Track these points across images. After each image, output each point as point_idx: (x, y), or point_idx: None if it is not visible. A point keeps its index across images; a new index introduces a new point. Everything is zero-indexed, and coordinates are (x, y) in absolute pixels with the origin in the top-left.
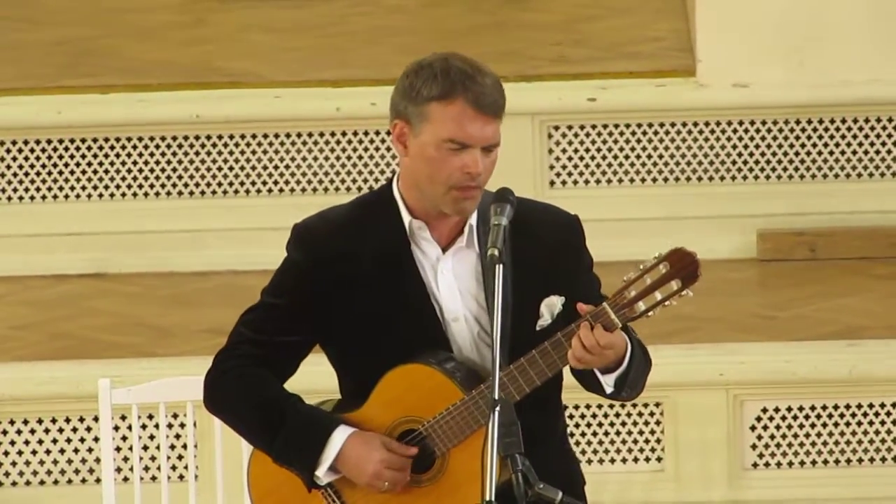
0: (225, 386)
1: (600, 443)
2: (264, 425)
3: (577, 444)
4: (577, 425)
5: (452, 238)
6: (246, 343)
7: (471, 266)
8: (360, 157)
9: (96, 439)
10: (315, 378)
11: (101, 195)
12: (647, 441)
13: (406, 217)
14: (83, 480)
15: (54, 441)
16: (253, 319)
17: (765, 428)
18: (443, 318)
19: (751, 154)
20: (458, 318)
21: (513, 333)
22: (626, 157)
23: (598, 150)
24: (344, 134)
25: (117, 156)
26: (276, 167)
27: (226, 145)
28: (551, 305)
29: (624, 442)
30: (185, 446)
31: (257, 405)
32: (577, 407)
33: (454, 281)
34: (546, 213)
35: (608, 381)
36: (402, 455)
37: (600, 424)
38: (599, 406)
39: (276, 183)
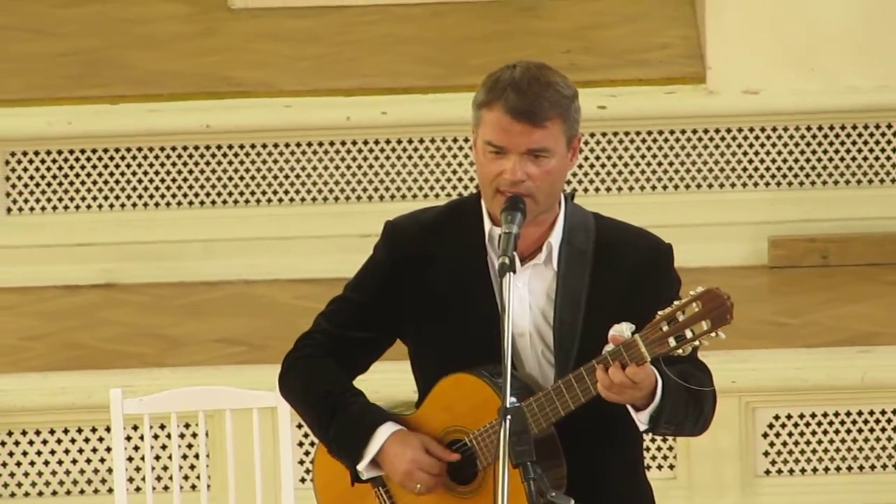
0: (292, 373)
1: None
2: (320, 416)
3: None
4: None
5: (533, 253)
6: (320, 333)
7: (546, 283)
8: (371, 167)
9: (108, 449)
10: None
11: (111, 205)
12: (659, 448)
13: (487, 224)
14: (95, 491)
15: (66, 451)
16: (332, 311)
17: (777, 435)
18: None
19: (762, 161)
20: (524, 334)
21: (578, 356)
22: (637, 164)
23: (609, 157)
24: (354, 143)
25: (128, 166)
26: (286, 177)
27: (236, 155)
28: (619, 331)
29: None
30: (196, 456)
31: (316, 395)
32: None
33: (527, 295)
34: (636, 237)
35: (641, 419)
36: (440, 459)
37: None
38: None
39: (286, 192)
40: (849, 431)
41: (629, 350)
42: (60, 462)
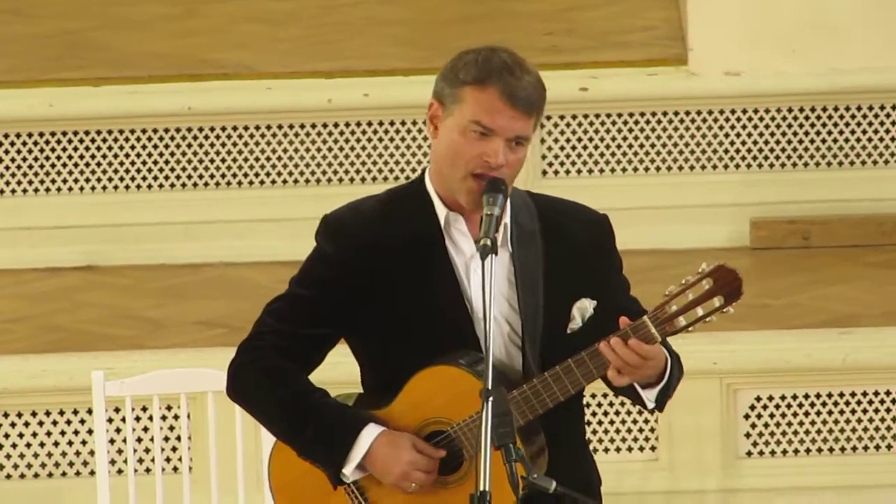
0: (248, 377)
1: (594, 432)
2: (289, 420)
3: None
4: None
5: None
6: (270, 333)
7: (504, 265)
8: (353, 149)
9: (90, 432)
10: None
11: (92, 188)
12: (640, 430)
13: (442, 210)
14: (77, 473)
15: (48, 434)
16: (279, 309)
17: (758, 416)
18: (473, 316)
19: (743, 143)
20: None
21: (543, 335)
22: (619, 146)
23: (591, 139)
24: (336, 125)
25: (109, 148)
26: (267, 159)
27: (217, 137)
28: (582, 308)
29: (618, 431)
30: (178, 438)
31: (282, 399)
32: None
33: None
34: (576, 212)
35: (650, 397)
36: (430, 457)
37: (594, 414)
38: (593, 395)
39: (268, 175)
40: (830, 413)
41: (638, 332)
42: (42, 444)
